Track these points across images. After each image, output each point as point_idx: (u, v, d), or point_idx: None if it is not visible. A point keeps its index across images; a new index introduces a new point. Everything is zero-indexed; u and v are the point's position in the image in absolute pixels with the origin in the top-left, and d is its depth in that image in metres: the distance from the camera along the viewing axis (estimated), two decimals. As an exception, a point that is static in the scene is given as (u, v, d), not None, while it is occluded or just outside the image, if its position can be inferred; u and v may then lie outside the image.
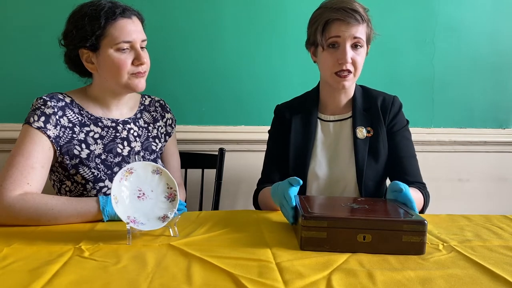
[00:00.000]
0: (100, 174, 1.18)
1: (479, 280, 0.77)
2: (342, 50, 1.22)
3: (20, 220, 1.03)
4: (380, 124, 1.32)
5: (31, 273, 0.76)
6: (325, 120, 1.36)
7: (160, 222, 0.96)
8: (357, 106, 1.34)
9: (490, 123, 1.95)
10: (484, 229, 1.07)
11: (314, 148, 1.33)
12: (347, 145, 1.32)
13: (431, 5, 1.84)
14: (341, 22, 1.21)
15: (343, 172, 1.31)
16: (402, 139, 1.34)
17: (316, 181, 1.31)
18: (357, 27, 1.22)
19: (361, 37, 1.23)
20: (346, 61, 1.21)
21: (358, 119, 1.33)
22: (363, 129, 1.31)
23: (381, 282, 0.74)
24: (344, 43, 1.21)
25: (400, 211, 0.98)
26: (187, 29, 1.74)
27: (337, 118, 1.36)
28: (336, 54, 1.23)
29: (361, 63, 1.25)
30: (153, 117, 1.37)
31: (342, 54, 1.21)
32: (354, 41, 1.22)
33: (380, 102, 1.35)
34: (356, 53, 1.23)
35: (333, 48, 1.24)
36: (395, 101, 1.36)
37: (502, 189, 1.98)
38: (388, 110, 1.34)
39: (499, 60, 1.91)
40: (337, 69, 1.23)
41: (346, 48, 1.21)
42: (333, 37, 1.22)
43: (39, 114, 1.13)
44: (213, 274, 0.76)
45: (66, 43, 1.21)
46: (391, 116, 1.34)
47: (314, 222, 0.89)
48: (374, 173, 1.31)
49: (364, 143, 1.30)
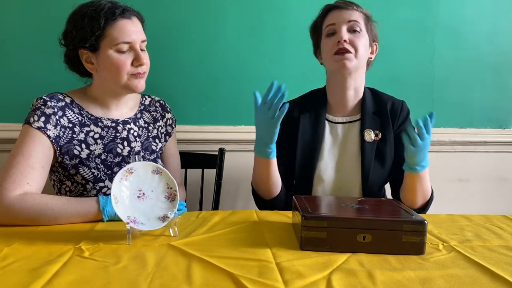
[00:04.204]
0: (100, 174, 1.18)
1: (479, 280, 0.77)
2: (338, 33, 1.26)
3: (20, 220, 1.02)
4: (389, 128, 1.32)
5: (31, 273, 0.76)
6: (334, 122, 1.36)
7: (160, 222, 0.96)
8: (367, 108, 1.33)
9: (490, 123, 1.95)
10: (484, 229, 1.08)
11: (322, 150, 1.33)
12: (354, 148, 1.32)
13: (431, 5, 1.84)
14: (335, 10, 1.29)
15: (348, 175, 1.30)
16: None
17: (321, 183, 1.31)
18: (351, 12, 1.28)
19: (358, 20, 1.26)
20: (341, 38, 1.24)
21: (367, 122, 1.32)
22: (371, 132, 1.31)
23: (381, 282, 0.74)
24: (340, 27, 1.26)
25: (400, 211, 0.98)
26: (187, 29, 1.74)
27: (346, 120, 1.35)
28: (334, 38, 1.27)
29: (360, 45, 1.26)
30: (153, 117, 1.37)
31: (338, 35, 1.26)
32: (349, 24, 1.26)
33: (390, 106, 1.35)
34: (354, 36, 1.26)
35: (331, 36, 1.28)
36: (404, 106, 1.37)
37: (502, 189, 1.98)
38: (397, 115, 1.34)
39: (499, 60, 1.90)
40: (335, 49, 1.25)
41: (342, 30, 1.26)
42: (330, 25, 1.28)
43: (39, 114, 1.13)
44: (213, 274, 0.76)
45: (66, 43, 1.21)
46: (399, 121, 1.35)
47: (314, 222, 0.89)
48: (379, 177, 1.31)
49: (371, 146, 1.30)
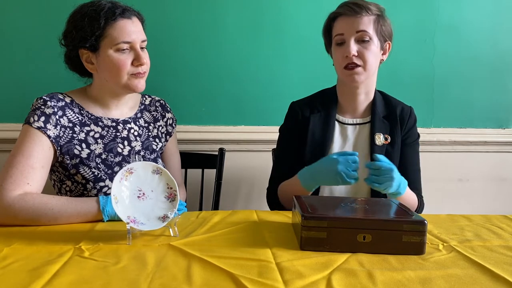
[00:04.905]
0: (100, 173, 1.18)
1: (479, 280, 0.77)
2: (347, 45, 1.24)
3: (20, 220, 1.02)
4: (397, 133, 1.33)
5: (31, 273, 0.75)
6: (344, 123, 1.35)
7: (160, 222, 0.96)
8: (377, 112, 1.33)
9: (490, 123, 1.95)
10: (484, 229, 1.08)
11: (331, 150, 1.32)
12: (364, 151, 1.32)
13: (431, 5, 1.84)
14: (343, 17, 1.25)
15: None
16: (413, 153, 1.36)
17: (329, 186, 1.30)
18: (360, 20, 1.23)
19: (366, 30, 1.23)
20: (349, 53, 1.22)
21: (377, 125, 1.32)
22: (381, 136, 1.31)
23: (381, 282, 0.74)
24: (349, 39, 1.23)
25: (400, 211, 0.98)
26: (188, 29, 1.74)
27: (356, 122, 1.35)
28: (342, 50, 1.25)
29: (369, 56, 1.24)
30: (154, 116, 1.37)
31: (346, 48, 1.23)
32: (358, 35, 1.23)
33: (399, 112, 1.35)
34: (363, 46, 1.24)
35: (340, 45, 1.26)
36: (412, 113, 1.37)
37: (502, 189, 1.98)
38: (405, 121, 1.35)
39: (499, 60, 1.91)
40: (344, 63, 1.24)
41: (350, 42, 1.23)
42: (338, 35, 1.26)
43: (39, 114, 1.13)
44: (213, 274, 0.76)
45: (66, 43, 1.21)
46: (407, 127, 1.35)
47: (314, 222, 0.89)
48: None
49: (381, 150, 1.30)
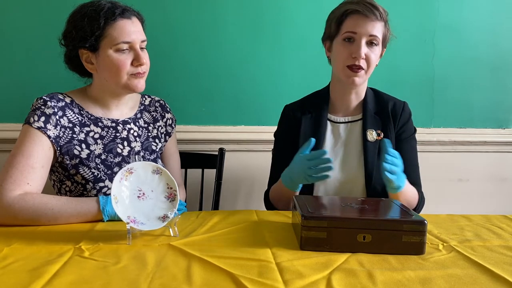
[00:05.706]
0: (100, 174, 1.18)
1: (479, 280, 0.77)
2: (357, 45, 1.22)
3: (20, 220, 1.02)
4: (390, 129, 1.33)
5: (31, 273, 0.76)
6: (335, 122, 1.36)
7: (160, 222, 0.96)
8: (368, 108, 1.34)
9: (490, 123, 1.95)
10: (484, 229, 1.08)
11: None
12: (357, 148, 1.32)
13: (431, 5, 1.84)
14: (359, 15, 1.22)
15: (351, 175, 1.30)
16: (409, 148, 1.35)
17: (323, 183, 1.31)
18: (374, 23, 1.22)
19: (377, 35, 1.23)
20: (359, 56, 1.21)
21: (369, 122, 1.32)
22: (373, 132, 1.31)
23: (381, 282, 0.74)
24: (360, 39, 1.22)
25: (400, 211, 0.98)
26: (187, 29, 1.74)
27: (348, 120, 1.35)
28: (351, 48, 1.23)
29: (374, 61, 1.25)
30: (153, 117, 1.37)
31: (357, 48, 1.22)
32: (370, 38, 1.23)
33: (391, 107, 1.35)
34: (371, 50, 1.24)
35: (348, 42, 1.24)
36: (406, 107, 1.37)
37: (502, 189, 1.98)
38: (398, 115, 1.34)
39: (499, 60, 1.90)
40: (350, 62, 1.24)
41: (362, 43, 1.22)
42: (349, 32, 1.23)
43: (39, 114, 1.13)
44: (213, 274, 0.76)
45: (66, 43, 1.21)
46: (401, 122, 1.35)
47: (314, 222, 0.89)
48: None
49: (374, 146, 1.30)
